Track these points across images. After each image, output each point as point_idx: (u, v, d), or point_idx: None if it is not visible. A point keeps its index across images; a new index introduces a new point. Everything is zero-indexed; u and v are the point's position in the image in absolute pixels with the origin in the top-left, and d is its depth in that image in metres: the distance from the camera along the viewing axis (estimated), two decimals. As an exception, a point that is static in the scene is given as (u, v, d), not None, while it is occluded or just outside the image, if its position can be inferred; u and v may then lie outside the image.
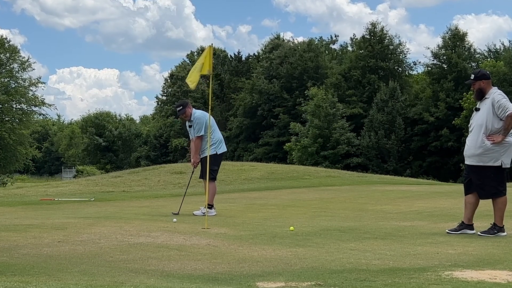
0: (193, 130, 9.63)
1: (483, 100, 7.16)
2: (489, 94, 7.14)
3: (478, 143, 7.05)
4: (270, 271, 4.79)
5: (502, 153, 6.99)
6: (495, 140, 6.96)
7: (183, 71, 74.48)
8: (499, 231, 7.05)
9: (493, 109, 7.01)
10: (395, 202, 12.57)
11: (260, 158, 52.88)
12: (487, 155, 7.00)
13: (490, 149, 6.98)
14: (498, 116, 6.97)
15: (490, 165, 7.00)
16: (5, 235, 6.76)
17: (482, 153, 7.03)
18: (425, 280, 4.28)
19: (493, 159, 6.99)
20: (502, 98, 7.04)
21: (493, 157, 6.98)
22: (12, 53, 57.35)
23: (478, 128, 7.08)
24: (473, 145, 7.11)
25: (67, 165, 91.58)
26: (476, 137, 7.08)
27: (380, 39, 57.14)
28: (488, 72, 7.55)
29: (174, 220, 7.72)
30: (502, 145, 6.98)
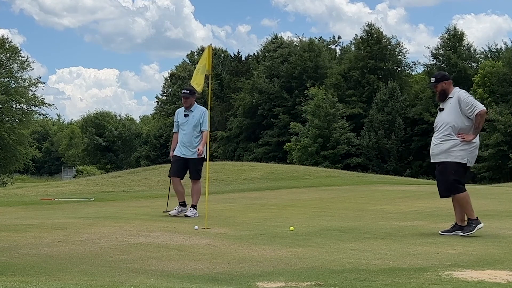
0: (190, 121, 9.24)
1: (447, 100, 7.20)
2: (453, 94, 7.18)
3: (446, 140, 7.04)
4: (270, 271, 4.79)
5: (468, 152, 7.02)
6: (465, 138, 6.97)
7: (184, 71, 74.55)
8: (476, 224, 7.03)
9: (459, 107, 7.03)
10: (395, 202, 12.57)
11: (260, 158, 52.88)
12: (454, 152, 7.00)
13: (457, 147, 6.99)
14: (466, 115, 6.99)
15: (455, 161, 7.00)
16: (5, 235, 6.76)
17: (448, 150, 7.02)
18: (425, 280, 4.28)
19: (459, 157, 7.00)
20: (469, 97, 7.11)
21: (460, 154, 7.00)
22: (13, 53, 57.34)
23: (445, 127, 7.09)
24: (440, 143, 7.11)
25: (67, 165, 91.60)
26: (443, 135, 7.08)
27: (377, 40, 57.14)
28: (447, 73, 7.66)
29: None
30: (469, 144, 7.00)
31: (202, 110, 9.40)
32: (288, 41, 66.35)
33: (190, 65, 76.81)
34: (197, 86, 8.58)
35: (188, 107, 9.32)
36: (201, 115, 9.31)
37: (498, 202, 12.35)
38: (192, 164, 9.24)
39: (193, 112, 9.29)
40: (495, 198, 13.62)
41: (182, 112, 9.40)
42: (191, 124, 9.24)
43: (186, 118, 9.30)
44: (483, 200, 13.06)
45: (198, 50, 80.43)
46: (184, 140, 9.24)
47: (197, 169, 9.31)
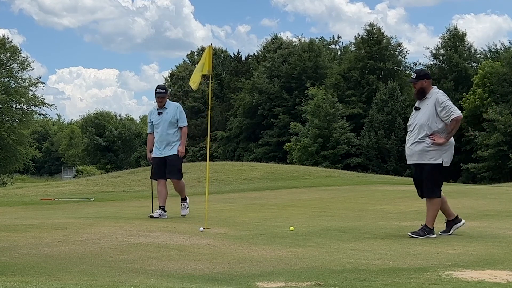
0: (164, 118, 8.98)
1: (424, 99, 7.14)
2: (430, 94, 7.12)
3: (420, 142, 7.00)
4: (270, 271, 4.79)
5: (443, 152, 6.98)
6: (436, 141, 6.91)
7: (184, 71, 74.52)
8: (429, 232, 6.96)
9: (435, 109, 6.97)
10: (395, 202, 12.57)
11: (260, 158, 52.86)
12: (428, 153, 6.96)
13: (431, 147, 6.94)
14: (441, 118, 6.94)
15: (430, 163, 6.96)
16: (5, 235, 6.76)
17: (423, 151, 6.98)
18: (425, 280, 4.28)
19: (434, 157, 6.96)
20: (447, 100, 7.04)
21: (434, 155, 6.95)
22: (13, 53, 57.34)
23: (419, 128, 7.03)
24: (414, 144, 7.07)
25: (67, 165, 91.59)
26: (418, 136, 7.03)
27: (377, 40, 57.15)
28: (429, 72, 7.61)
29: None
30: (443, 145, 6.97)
31: (176, 106, 9.20)
32: (287, 41, 66.37)
33: (190, 65, 76.82)
34: (192, 84, 8.53)
35: (162, 105, 9.06)
36: (176, 110, 9.08)
37: (498, 202, 12.35)
38: (170, 161, 9.00)
39: (167, 109, 9.06)
40: (495, 198, 13.62)
41: (155, 112, 9.15)
42: (166, 121, 9.00)
43: (160, 116, 9.05)
44: (483, 200, 13.07)
45: (198, 50, 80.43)
46: (161, 139, 9.02)
47: (177, 168, 9.07)
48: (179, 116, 9.05)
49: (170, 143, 9.01)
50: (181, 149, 9.06)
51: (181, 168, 9.23)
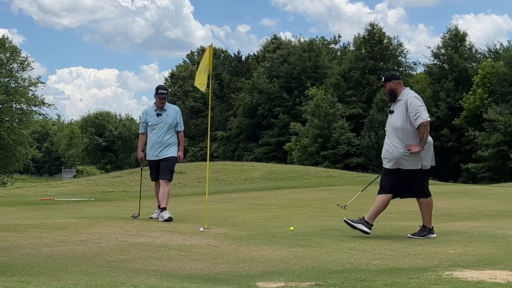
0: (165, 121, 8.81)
1: (397, 102, 7.11)
2: (402, 96, 7.08)
3: (397, 147, 6.95)
4: (270, 271, 4.79)
5: (421, 156, 6.93)
6: (412, 150, 6.86)
7: (185, 71, 74.50)
8: (429, 232, 6.97)
9: (406, 111, 6.92)
10: (395, 202, 12.53)
11: (260, 158, 52.85)
12: (406, 159, 6.92)
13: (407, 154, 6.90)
14: (411, 120, 6.89)
15: (410, 169, 6.93)
16: (5, 235, 6.76)
17: (401, 157, 6.94)
18: (425, 280, 4.28)
19: (412, 163, 6.92)
20: (416, 102, 6.95)
21: (412, 160, 6.91)
22: (13, 53, 57.35)
23: (394, 131, 7.00)
24: (391, 149, 7.02)
25: (67, 165, 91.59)
26: (394, 141, 6.99)
27: (379, 40, 57.15)
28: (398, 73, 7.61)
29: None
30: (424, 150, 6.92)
31: (176, 109, 9.08)
32: (286, 41, 66.34)
33: (190, 65, 76.82)
34: (200, 86, 8.51)
35: (162, 107, 8.87)
36: (176, 114, 8.94)
37: (498, 202, 12.35)
38: (166, 162, 8.83)
39: (166, 111, 8.87)
40: (495, 198, 13.62)
41: (152, 112, 8.87)
42: (166, 124, 8.82)
43: (159, 118, 8.81)
44: (483, 200, 13.07)
45: (198, 50, 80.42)
46: (157, 141, 8.81)
47: (171, 169, 8.91)
48: (179, 119, 8.96)
49: (167, 146, 8.83)
50: (181, 154, 9.01)
51: (173, 171, 9.07)
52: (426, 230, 6.99)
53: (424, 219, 7.07)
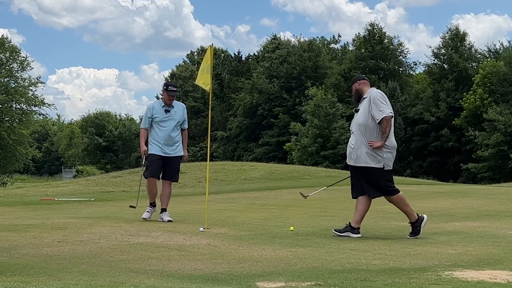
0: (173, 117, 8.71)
1: (362, 100, 7.16)
2: (367, 94, 7.13)
3: (360, 144, 6.99)
4: (270, 271, 4.79)
5: (384, 156, 6.93)
6: (374, 145, 6.88)
7: (185, 71, 74.50)
8: (419, 225, 6.96)
9: (370, 107, 6.96)
10: (395, 202, 12.55)
11: (260, 158, 52.84)
12: (372, 157, 6.94)
13: (372, 152, 6.93)
14: (373, 116, 6.92)
15: (374, 167, 6.94)
16: (5, 235, 6.76)
17: (364, 154, 6.96)
18: (425, 280, 4.28)
19: (375, 161, 6.93)
20: (380, 98, 6.97)
21: (376, 159, 6.93)
22: (12, 52, 57.35)
23: (359, 129, 7.03)
24: (356, 147, 7.05)
25: (67, 165, 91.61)
26: (358, 139, 7.02)
27: (380, 40, 57.16)
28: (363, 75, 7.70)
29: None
30: (386, 148, 6.93)
31: (183, 106, 9.00)
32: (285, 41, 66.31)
33: (190, 65, 76.81)
34: (204, 86, 8.49)
35: (171, 104, 8.77)
36: (183, 111, 8.88)
37: (498, 202, 12.35)
38: (175, 163, 8.79)
39: (174, 108, 8.78)
40: (495, 198, 13.62)
41: (159, 108, 8.72)
42: (175, 121, 8.72)
43: (167, 114, 8.67)
44: (483, 200, 13.07)
45: (198, 50, 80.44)
46: (166, 138, 8.67)
47: (178, 170, 8.90)
48: (185, 117, 8.91)
49: (174, 143, 8.75)
50: (186, 153, 8.96)
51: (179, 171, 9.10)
52: (415, 224, 6.96)
53: (407, 215, 7.04)
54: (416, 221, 7.00)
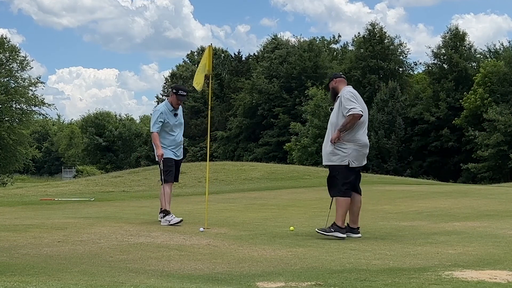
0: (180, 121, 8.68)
1: (336, 99, 7.19)
2: (341, 92, 7.15)
3: (327, 143, 7.06)
4: (270, 271, 4.79)
5: (350, 152, 6.91)
6: (332, 138, 6.93)
7: (186, 72, 74.54)
8: (336, 230, 6.89)
9: (340, 106, 6.98)
10: (395, 202, 12.57)
11: (260, 158, 52.84)
12: (336, 154, 6.96)
13: (337, 148, 6.93)
14: (343, 113, 6.93)
15: (337, 164, 6.95)
16: (5, 235, 6.76)
17: (331, 152, 6.99)
18: (425, 280, 4.28)
19: (340, 159, 6.93)
20: (350, 96, 6.96)
21: (341, 156, 6.93)
22: (12, 52, 57.33)
23: (331, 127, 7.07)
24: (324, 145, 7.12)
25: (67, 165, 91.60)
26: (328, 137, 7.10)
27: (380, 40, 57.16)
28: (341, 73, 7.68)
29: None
30: (350, 144, 6.91)
31: (181, 108, 8.91)
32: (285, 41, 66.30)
33: (190, 65, 76.83)
34: (196, 86, 8.48)
35: (178, 107, 8.70)
36: (182, 113, 8.90)
37: (498, 202, 12.35)
38: (180, 165, 8.85)
39: (178, 111, 8.73)
40: (495, 198, 13.61)
41: (169, 112, 8.58)
42: (182, 124, 8.75)
43: (176, 118, 8.64)
44: (483, 200, 13.07)
45: (198, 50, 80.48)
46: (179, 141, 8.68)
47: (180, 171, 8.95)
48: (181, 118, 8.89)
49: (181, 146, 8.76)
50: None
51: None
52: (334, 227, 6.93)
53: (336, 216, 7.00)
54: (336, 226, 6.92)
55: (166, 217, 8.18)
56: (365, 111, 7.04)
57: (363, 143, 7.01)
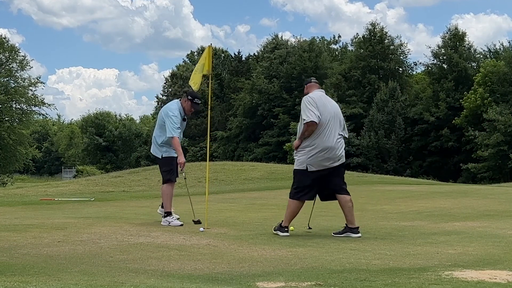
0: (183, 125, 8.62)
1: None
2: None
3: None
4: (270, 271, 4.79)
5: (308, 157, 7.00)
6: (294, 145, 7.13)
7: (186, 72, 74.55)
8: (279, 229, 7.14)
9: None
10: (395, 202, 12.57)
11: (260, 158, 52.85)
12: (296, 158, 7.13)
13: (297, 154, 7.10)
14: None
15: (296, 168, 7.14)
16: (5, 235, 6.76)
17: (295, 157, 7.18)
18: (425, 280, 4.28)
19: (300, 163, 7.08)
20: (305, 104, 7.04)
21: (300, 160, 7.08)
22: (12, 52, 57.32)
23: (298, 133, 7.24)
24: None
25: (67, 165, 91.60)
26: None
27: (380, 39, 57.16)
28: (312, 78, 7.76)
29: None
30: (307, 149, 6.99)
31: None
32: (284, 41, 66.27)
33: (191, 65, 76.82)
34: (193, 85, 8.46)
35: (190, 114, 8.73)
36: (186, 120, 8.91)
37: (498, 202, 12.35)
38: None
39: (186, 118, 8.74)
40: (495, 198, 13.61)
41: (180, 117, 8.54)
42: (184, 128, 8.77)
43: (184, 123, 8.67)
44: (483, 200, 13.07)
45: (198, 50, 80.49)
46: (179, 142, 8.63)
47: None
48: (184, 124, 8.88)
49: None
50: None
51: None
52: (277, 226, 7.19)
53: (285, 217, 7.22)
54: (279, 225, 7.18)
55: (167, 218, 8.19)
56: (328, 114, 7.03)
57: (323, 147, 7.00)
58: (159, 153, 8.49)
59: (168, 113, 8.36)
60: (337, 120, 7.13)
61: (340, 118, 7.21)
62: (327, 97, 7.25)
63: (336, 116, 7.11)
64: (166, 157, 8.42)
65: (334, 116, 7.08)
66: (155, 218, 8.82)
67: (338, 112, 7.21)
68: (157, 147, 8.53)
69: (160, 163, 8.53)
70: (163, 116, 8.45)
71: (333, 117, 7.07)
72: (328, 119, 7.00)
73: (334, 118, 7.08)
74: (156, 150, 8.55)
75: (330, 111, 7.07)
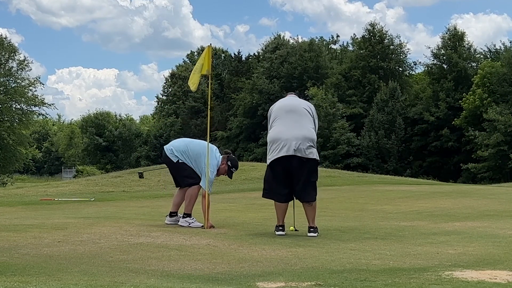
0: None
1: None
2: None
3: None
4: (270, 271, 4.78)
5: (269, 153, 7.29)
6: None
7: (186, 72, 74.54)
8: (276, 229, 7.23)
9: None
10: (395, 202, 12.57)
11: (260, 158, 52.73)
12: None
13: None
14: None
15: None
16: (5, 235, 6.75)
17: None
18: (425, 280, 4.28)
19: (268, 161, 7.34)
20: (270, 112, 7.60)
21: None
22: (11, 52, 57.32)
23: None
24: None
25: (67, 165, 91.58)
26: None
27: (380, 39, 57.16)
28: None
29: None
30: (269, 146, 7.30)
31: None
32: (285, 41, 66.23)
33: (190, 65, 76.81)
34: (191, 85, 8.44)
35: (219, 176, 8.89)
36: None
37: (498, 202, 12.35)
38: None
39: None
40: (495, 198, 13.62)
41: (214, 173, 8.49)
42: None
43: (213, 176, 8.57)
44: (483, 200, 13.08)
45: (198, 50, 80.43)
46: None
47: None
48: None
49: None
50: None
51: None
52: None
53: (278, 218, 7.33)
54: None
55: (187, 218, 8.04)
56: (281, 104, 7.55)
57: (271, 139, 7.28)
58: (174, 158, 8.22)
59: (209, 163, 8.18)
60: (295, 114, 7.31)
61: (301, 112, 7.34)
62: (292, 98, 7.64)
63: (292, 111, 7.34)
64: (182, 163, 8.23)
65: (289, 111, 7.35)
66: (155, 218, 8.83)
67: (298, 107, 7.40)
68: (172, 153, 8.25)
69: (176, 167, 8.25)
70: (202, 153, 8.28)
71: (288, 112, 7.34)
72: (278, 110, 7.45)
73: (289, 112, 7.33)
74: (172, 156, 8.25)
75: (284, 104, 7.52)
